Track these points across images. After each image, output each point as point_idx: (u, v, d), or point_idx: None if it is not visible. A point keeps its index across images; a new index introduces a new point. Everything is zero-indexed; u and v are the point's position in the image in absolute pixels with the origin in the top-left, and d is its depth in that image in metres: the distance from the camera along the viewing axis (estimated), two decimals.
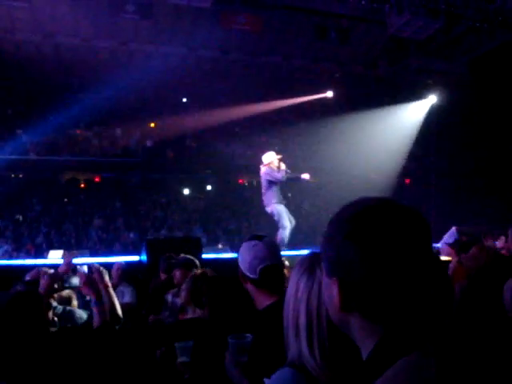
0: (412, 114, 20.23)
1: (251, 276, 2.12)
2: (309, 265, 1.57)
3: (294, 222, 8.34)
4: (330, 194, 21.22)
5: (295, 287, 1.55)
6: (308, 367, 1.45)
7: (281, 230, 8.12)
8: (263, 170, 8.36)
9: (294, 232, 8.43)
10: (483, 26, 17.99)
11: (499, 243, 5.56)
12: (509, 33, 17.92)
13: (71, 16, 15.57)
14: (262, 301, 2.13)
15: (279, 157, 8.38)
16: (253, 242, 2.16)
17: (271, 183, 8.28)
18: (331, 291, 0.90)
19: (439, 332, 0.93)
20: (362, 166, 20.52)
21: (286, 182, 8.49)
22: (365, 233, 0.85)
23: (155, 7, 15.77)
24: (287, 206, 8.57)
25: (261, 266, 2.09)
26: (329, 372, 1.42)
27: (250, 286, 2.16)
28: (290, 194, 21.63)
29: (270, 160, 8.35)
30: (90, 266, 3.24)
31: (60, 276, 3.43)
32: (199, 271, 3.26)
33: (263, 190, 8.40)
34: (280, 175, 8.20)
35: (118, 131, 21.78)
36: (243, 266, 2.15)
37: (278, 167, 8.29)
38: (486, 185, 20.47)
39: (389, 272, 0.83)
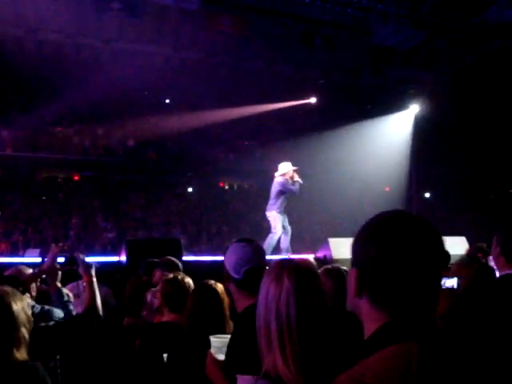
0: (397, 125, 20.39)
1: (235, 276, 2.19)
2: (276, 273, 1.55)
3: (290, 230, 8.57)
4: (309, 201, 21.29)
5: (265, 297, 1.53)
6: (284, 378, 1.42)
7: (271, 235, 8.36)
8: (278, 179, 8.46)
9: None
10: (465, 40, 18.31)
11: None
12: (489, 47, 18.27)
13: (55, 11, 15.36)
14: (242, 302, 2.19)
15: (295, 168, 8.50)
16: (242, 244, 2.25)
17: (281, 193, 8.42)
18: (351, 279, 1.12)
19: (433, 329, 1.07)
20: (343, 172, 20.63)
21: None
22: (381, 237, 1.08)
23: (141, 6, 15.66)
24: (288, 214, 8.77)
25: (245, 268, 2.17)
26: (304, 382, 1.41)
27: (231, 286, 2.25)
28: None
29: (286, 171, 8.45)
30: (75, 257, 3.19)
31: (44, 273, 3.38)
32: (171, 275, 3.27)
33: (271, 196, 8.51)
34: (295, 188, 8.41)
35: (100, 130, 21.57)
36: (229, 265, 2.22)
37: (292, 178, 8.43)
38: (465, 196, 20.77)
39: (394, 270, 1.06)
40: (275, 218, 8.34)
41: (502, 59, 18.47)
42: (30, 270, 3.54)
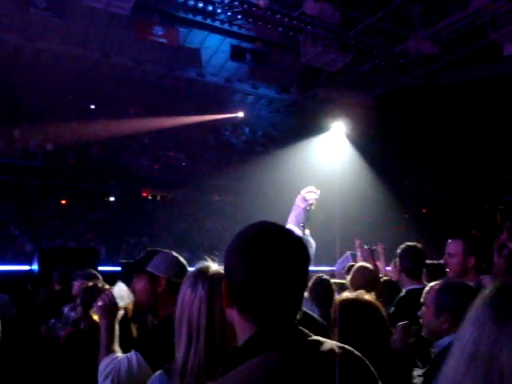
0: (321, 145, 20.81)
1: None
2: (193, 281, 1.66)
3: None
4: (233, 213, 21.34)
5: (181, 300, 1.65)
6: (188, 371, 1.55)
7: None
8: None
9: (195, 249, 8.41)
10: (387, 66, 19.25)
11: (391, 267, 5.79)
12: (407, 75, 19.32)
13: None
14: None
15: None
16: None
17: None
18: (223, 290, 1.15)
19: (302, 340, 1.07)
20: (266, 187, 20.83)
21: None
22: (245, 248, 1.12)
23: (68, 6, 15.18)
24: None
25: None
26: (205, 376, 1.49)
27: None
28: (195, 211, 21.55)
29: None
30: None
31: None
32: (91, 283, 3.21)
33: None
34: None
35: (17, 132, 20.50)
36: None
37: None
38: (382, 215, 21.60)
39: (257, 280, 1.08)
40: None
41: (422, 87, 19.56)
42: None
